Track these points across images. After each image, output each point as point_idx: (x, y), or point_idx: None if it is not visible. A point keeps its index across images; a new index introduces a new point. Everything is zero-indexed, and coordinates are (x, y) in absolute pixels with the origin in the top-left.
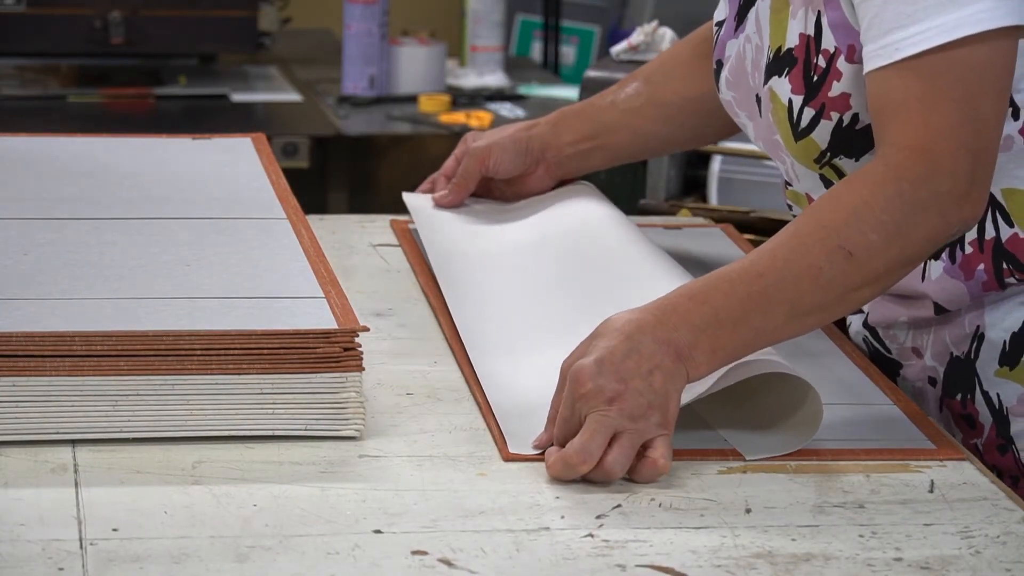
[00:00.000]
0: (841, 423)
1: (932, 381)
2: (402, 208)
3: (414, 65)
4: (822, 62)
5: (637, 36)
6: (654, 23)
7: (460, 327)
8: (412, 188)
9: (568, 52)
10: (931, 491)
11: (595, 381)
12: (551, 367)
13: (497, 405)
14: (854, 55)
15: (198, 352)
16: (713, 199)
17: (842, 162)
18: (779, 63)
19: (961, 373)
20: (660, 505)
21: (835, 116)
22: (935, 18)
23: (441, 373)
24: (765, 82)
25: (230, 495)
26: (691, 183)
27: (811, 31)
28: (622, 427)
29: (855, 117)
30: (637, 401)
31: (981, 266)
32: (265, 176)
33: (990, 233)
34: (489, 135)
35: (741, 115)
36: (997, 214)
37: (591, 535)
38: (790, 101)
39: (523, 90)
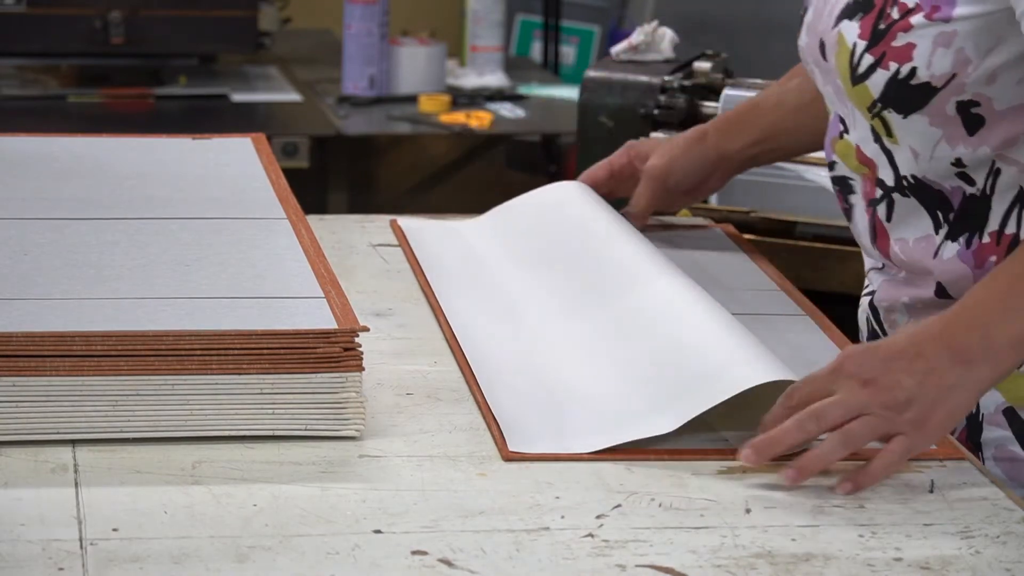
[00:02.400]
0: None
1: None
2: (402, 208)
3: (414, 65)
4: (896, 14)
5: (637, 36)
6: (654, 23)
7: (455, 327)
8: (412, 188)
9: (568, 52)
10: (931, 491)
11: (859, 360)
12: (551, 366)
13: (497, 405)
14: (935, 14)
15: (198, 352)
16: (713, 199)
17: (891, 116)
18: (855, 7)
19: None
20: (660, 505)
21: (893, 67)
22: None
23: (441, 373)
24: (835, 25)
25: (230, 495)
26: None
27: None
28: (869, 410)
29: (913, 71)
30: (894, 393)
31: (993, 258)
32: (265, 176)
33: (1011, 228)
34: (661, 150)
35: (809, 61)
36: (1023, 213)
37: (591, 535)
38: (854, 45)
39: (523, 90)
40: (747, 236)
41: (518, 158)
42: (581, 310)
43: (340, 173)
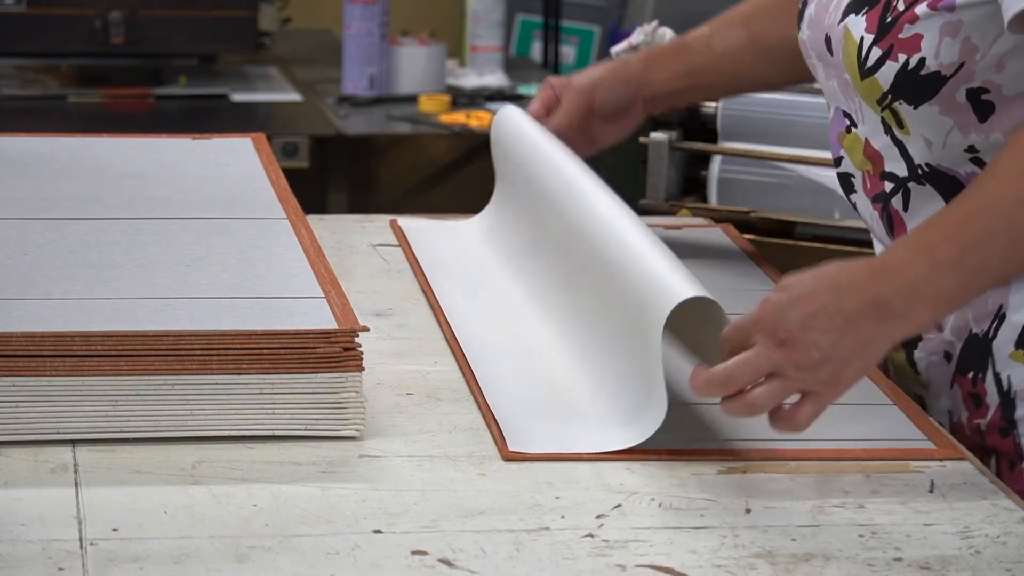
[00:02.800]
0: (841, 423)
1: (948, 356)
2: (402, 208)
3: (414, 65)
4: (901, 5)
5: (637, 36)
6: (654, 23)
7: (455, 327)
8: (412, 188)
9: (568, 52)
10: (931, 491)
11: (777, 316)
12: (551, 366)
13: (496, 404)
14: (938, 4)
15: (198, 352)
16: (713, 199)
17: (901, 107)
18: (861, 1)
19: (977, 351)
20: (660, 505)
21: (901, 58)
22: None
23: (441, 373)
24: (841, 20)
25: (230, 495)
26: (691, 183)
27: None
28: (781, 370)
29: (921, 61)
30: (809, 353)
31: None
32: (265, 176)
33: None
34: (584, 73)
35: (812, 55)
36: None
37: (591, 535)
38: (862, 39)
39: (523, 90)
40: (747, 236)
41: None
42: (573, 305)
43: (340, 173)
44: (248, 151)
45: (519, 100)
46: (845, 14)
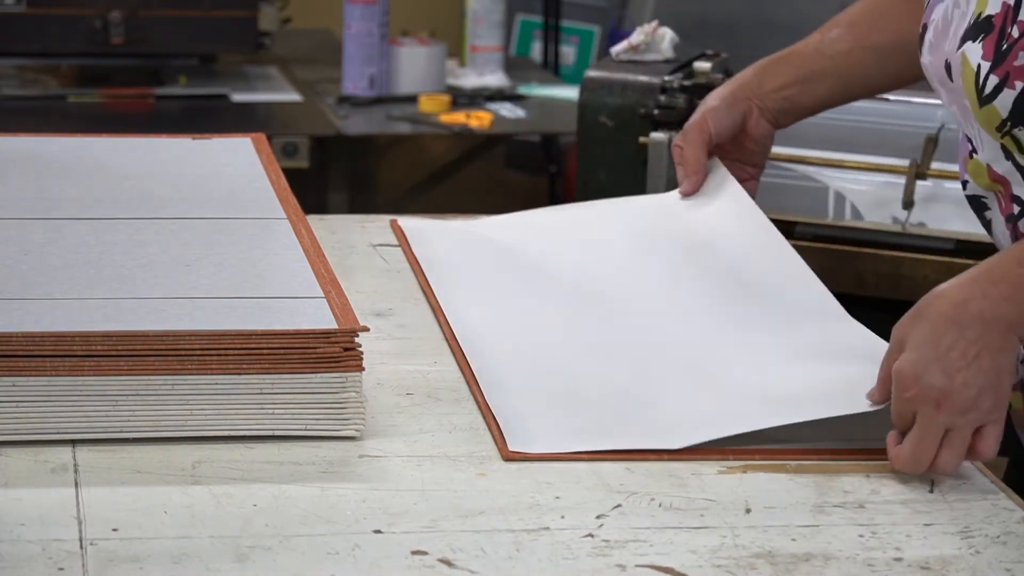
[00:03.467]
0: (841, 423)
1: None
2: (402, 208)
3: (414, 65)
4: (1016, 32)
5: (637, 36)
6: (654, 23)
7: (455, 327)
8: (412, 188)
9: (568, 52)
10: (931, 491)
11: (919, 383)
12: (551, 366)
13: (496, 404)
14: None
15: (198, 352)
16: None
17: (1022, 133)
18: (977, 28)
19: None
20: (660, 505)
21: (1019, 85)
22: None
23: (441, 373)
24: (960, 46)
25: (230, 495)
26: None
27: (1012, 0)
28: (952, 424)
29: None
30: (965, 395)
31: None
32: (265, 176)
33: None
34: (699, 109)
35: (934, 80)
36: None
37: (591, 535)
38: (979, 66)
39: (523, 90)
40: None
41: (518, 158)
42: (583, 311)
43: (340, 173)
44: (248, 151)
45: (519, 100)
46: (963, 41)
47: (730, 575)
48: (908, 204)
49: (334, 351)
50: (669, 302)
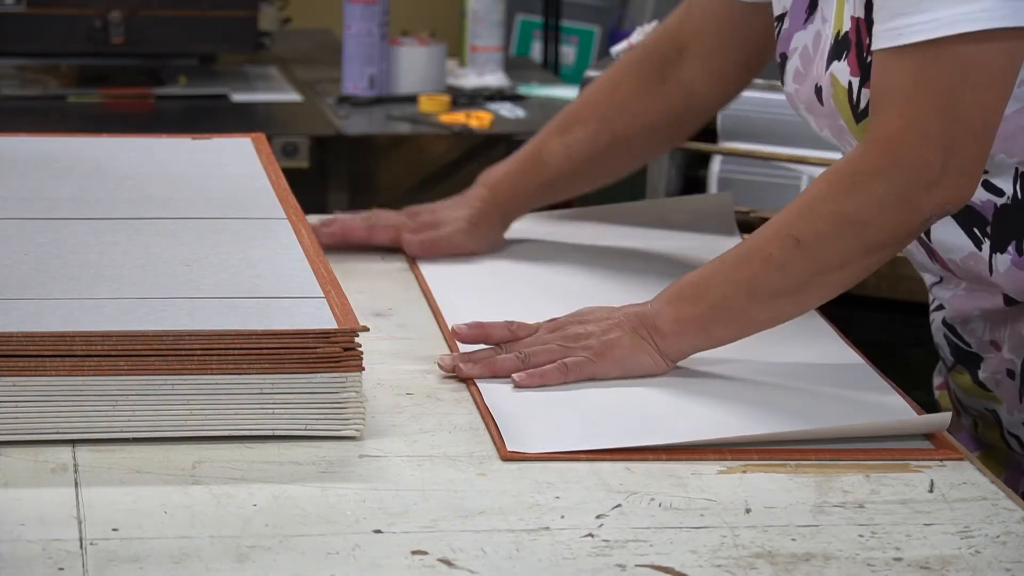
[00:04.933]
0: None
1: (1011, 373)
2: (402, 208)
3: (414, 65)
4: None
5: (637, 36)
6: (654, 23)
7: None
8: (412, 188)
9: (568, 52)
10: (931, 491)
11: (561, 319)
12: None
13: (496, 405)
14: None
15: (198, 352)
16: None
17: None
18: (838, 47)
19: None
20: (660, 505)
21: (871, 91)
22: (938, 10)
23: (441, 373)
24: (827, 68)
25: (230, 495)
26: (691, 183)
27: (860, 13)
28: (546, 341)
29: None
30: (576, 330)
31: None
32: (265, 176)
33: None
34: (433, 228)
35: (801, 108)
36: None
37: (591, 535)
38: (849, 83)
39: (523, 90)
40: (747, 236)
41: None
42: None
43: (340, 173)
44: (248, 151)
45: (519, 100)
46: (829, 62)
47: (730, 575)
48: None
49: (334, 351)
50: None
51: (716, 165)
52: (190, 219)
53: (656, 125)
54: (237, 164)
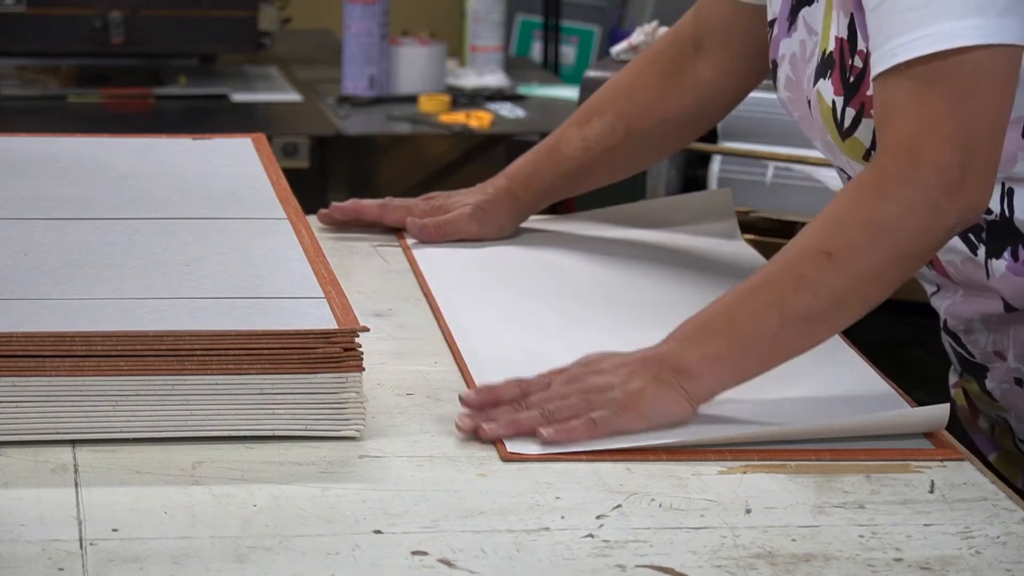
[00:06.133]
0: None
1: (1018, 382)
2: None
3: (414, 65)
4: (858, 62)
5: (637, 36)
6: (654, 23)
7: (455, 327)
8: (412, 187)
9: (568, 52)
10: (931, 491)
11: (572, 369)
12: (551, 366)
13: None
14: None
15: (198, 352)
16: None
17: None
18: (824, 65)
19: None
20: (660, 505)
21: (874, 114)
22: (933, 25)
23: (441, 373)
24: (814, 84)
25: (230, 495)
26: (691, 183)
27: (844, 34)
28: (565, 395)
29: None
30: (595, 381)
31: None
32: (265, 176)
33: None
34: (456, 208)
35: (795, 114)
36: None
37: (591, 535)
38: (833, 102)
39: (523, 90)
40: (747, 236)
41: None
42: (583, 312)
43: (340, 173)
44: (248, 151)
45: (519, 100)
46: (816, 79)
47: (730, 575)
48: None
49: (334, 351)
50: (665, 310)
51: (716, 165)
52: (190, 219)
53: (671, 120)
54: (237, 164)
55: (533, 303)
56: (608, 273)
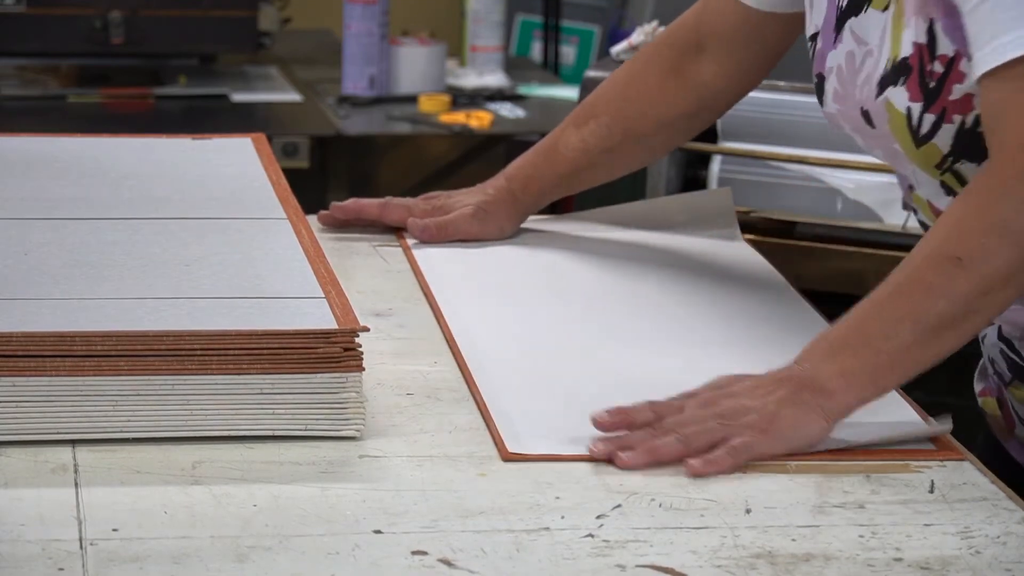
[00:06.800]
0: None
1: None
2: None
3: (414, 65)
4: (939, 67)
5: (637, 36)
6: (654, 23)
7: (455, 327)
8: (412, 187)
9: (568, 52)
10: (931, 491)
11: (704, 392)
12: (551, 366)
13: (496, 405)
14: None
15: (198, 352)
16: None
17: (964, 167)
18: (896, 72)
19: None
20: (660, 505)
21: (957, 119)
22: None
23: (441, 373)
24: (879, 94)
25: (230, 495)
26: (691, 183)
27: (923, 39)
28: (702, 419)
29: (978, 119)
30: (731, 404)
31: None
32: (265, 176)
33: None
34: (456, 209)
35: (846, 127)
36: None
37: (591, 535)
38: (908, 109)
39: (523, 90)
40: (747, 236)
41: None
42: (583, 312)
43: (340, 173)
44: (248, 151)
45: (519, 100)
46: (882, 88)
47: (730, 575)
48: (908, 204)
49: (334, 351)
50: (665, 310)
51: (716, 165)
52: (190, 219)
53: (669, 121)
54: (237, 164)
55: (533, 303)
56: (608, 273)
